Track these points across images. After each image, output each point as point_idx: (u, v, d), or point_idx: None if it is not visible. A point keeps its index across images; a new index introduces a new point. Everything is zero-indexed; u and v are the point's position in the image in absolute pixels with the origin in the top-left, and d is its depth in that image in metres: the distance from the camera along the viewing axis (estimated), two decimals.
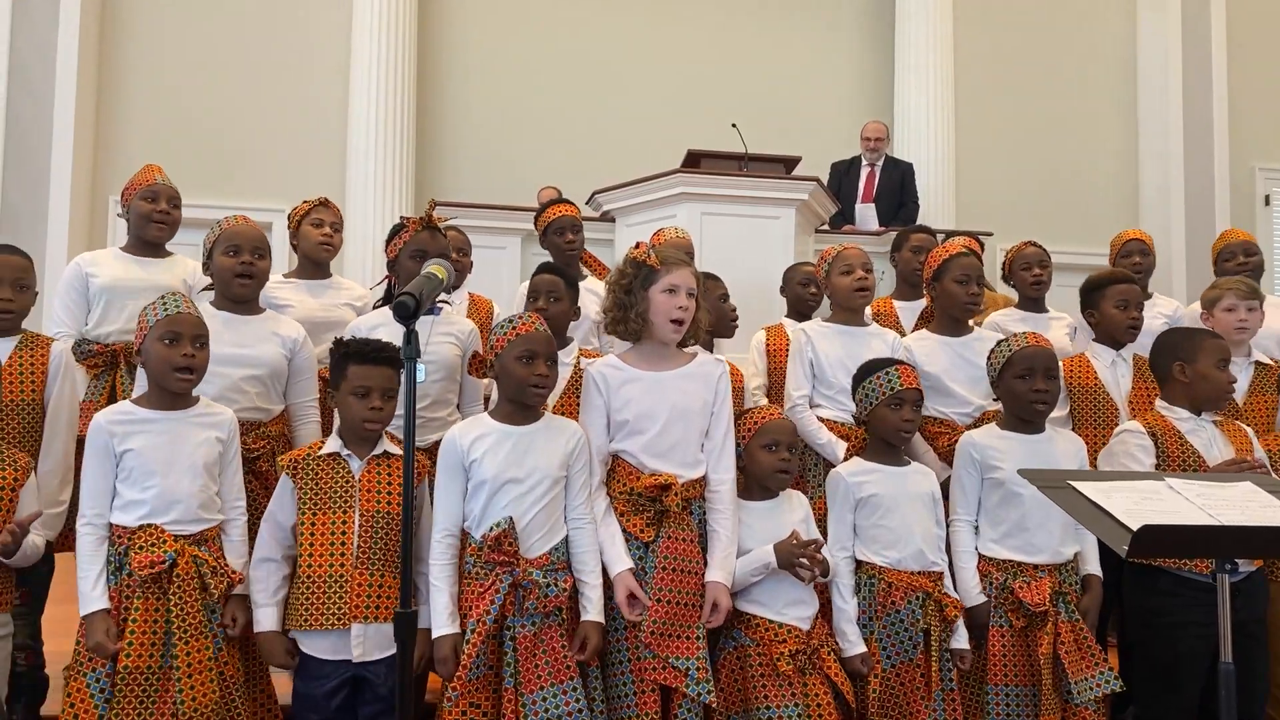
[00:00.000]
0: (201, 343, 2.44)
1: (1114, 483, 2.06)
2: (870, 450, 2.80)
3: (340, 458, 2.46)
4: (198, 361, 2.43)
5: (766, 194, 4.83)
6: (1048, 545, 2.71)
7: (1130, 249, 3.96)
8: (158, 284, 3.05)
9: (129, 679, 2.25)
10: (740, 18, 8.02)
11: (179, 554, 2.31)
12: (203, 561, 2.34)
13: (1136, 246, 3.95)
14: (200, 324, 2.46)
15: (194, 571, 2.32)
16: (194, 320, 2.44)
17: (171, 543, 2.32)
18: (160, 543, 2.32)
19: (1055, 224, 7.79)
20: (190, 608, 2.30)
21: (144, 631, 2.28)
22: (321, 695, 2.36)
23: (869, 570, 2.66)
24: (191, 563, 2.32)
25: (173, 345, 2.39)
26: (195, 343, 2.42)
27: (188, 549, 2.33)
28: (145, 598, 2.29)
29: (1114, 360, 3.29)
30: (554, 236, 3.79)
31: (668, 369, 2.55)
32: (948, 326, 3.22)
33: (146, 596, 2.30)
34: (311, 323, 3.05)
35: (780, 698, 2.43)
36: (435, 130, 7.46)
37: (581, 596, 2.40)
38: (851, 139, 7.01)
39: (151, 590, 2.30)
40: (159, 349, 2.39)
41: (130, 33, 6.95)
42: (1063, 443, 2.84)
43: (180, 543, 2.33)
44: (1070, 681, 2.57)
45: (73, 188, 6.43)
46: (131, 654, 2.26)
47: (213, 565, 2.35)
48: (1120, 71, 8.55)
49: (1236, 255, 3.91)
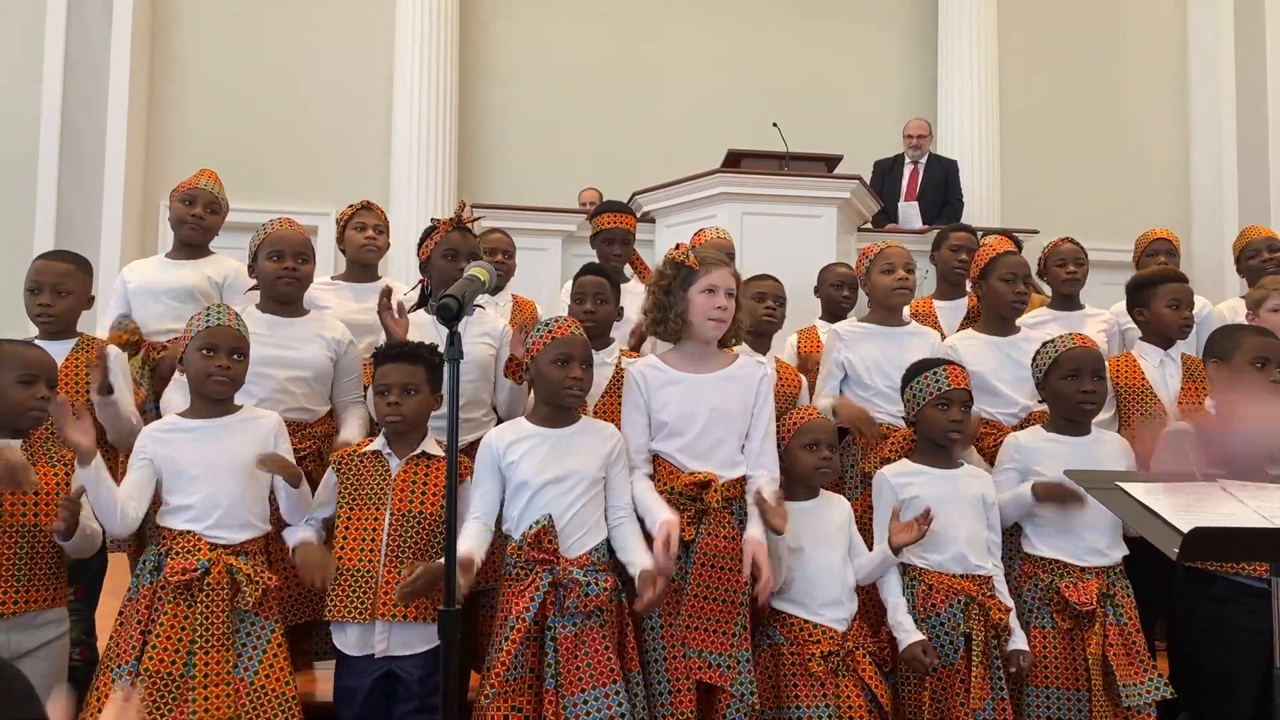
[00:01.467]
0: (239, 354, 2.50)
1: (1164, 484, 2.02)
2: (919, 451, 2.77)
3: (381, 456, 2.51)
4: (233, 372, 2.48)
5: (808, 193, 4.80)
6: (1095, 546, 2.67)
7: (1157, 248, 3.87)
8: (183, 284, 3.16)
9: (149, 682, 2.27)
10: (781, 17, 7.97)
11: (213, 563, 2.35)
12: (237, 569, 2.36)
13: (1163, 246, 3.86)
14: (239, 336, 2.50)
15: (226, 581, 2.35)
16: (232, 333, 2.49)
17: (207, 551, 2.36)
18: (195, 550, 2.36)
19: (1103, 220, 7.63)
20: (216, 618, 2.32)
21: (169, 637, 2.31)
22: (355, 690, 2.41)
23: (911, 572, 2.64)
24: (225, 572, 2.35)
25: (210, 356, 2.45)
26: (232, 354, 2.48)
27: (224, 558, 2.37)
28: (175, 603, 2.33)
29: (1162, 360, 3.21)
30: (602, 245, 3.76)
31: (708, 370, 2.55)
32: (994, 326, 3.18)
33: (176, 602, 2.33)
34: (353, 324, 3.08)
35: (811, 698, 2.42)
36: (477, 133, 7.51)
37: (630, 566, 2.37)
38: (894, 138, 6.95)
39: (182, 596, 2.34)
40: (197, 359, 2.46)
41: (179, 44, 7.08)
42: (1109, 444, 2.79)
43: (217, 551, 2.37)
44: (1119, 685, 2.53)
45: (125, 194, 6.57)
46: (155, 657, 2.29)
47: (248, 573, 2.37)
48: (1170, 65, 8.38)
49: (1261, 251, 3.80)
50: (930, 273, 4.71)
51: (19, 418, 2.35)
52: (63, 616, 2.44)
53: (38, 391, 2.35)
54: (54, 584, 2.40)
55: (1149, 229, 4.07)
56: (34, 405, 2.34)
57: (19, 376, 2.33)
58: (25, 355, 2.37)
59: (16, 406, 2.33)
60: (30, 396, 2.34)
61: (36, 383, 2.35)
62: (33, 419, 2.37)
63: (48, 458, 2.43)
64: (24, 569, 2.31)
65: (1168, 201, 8.20)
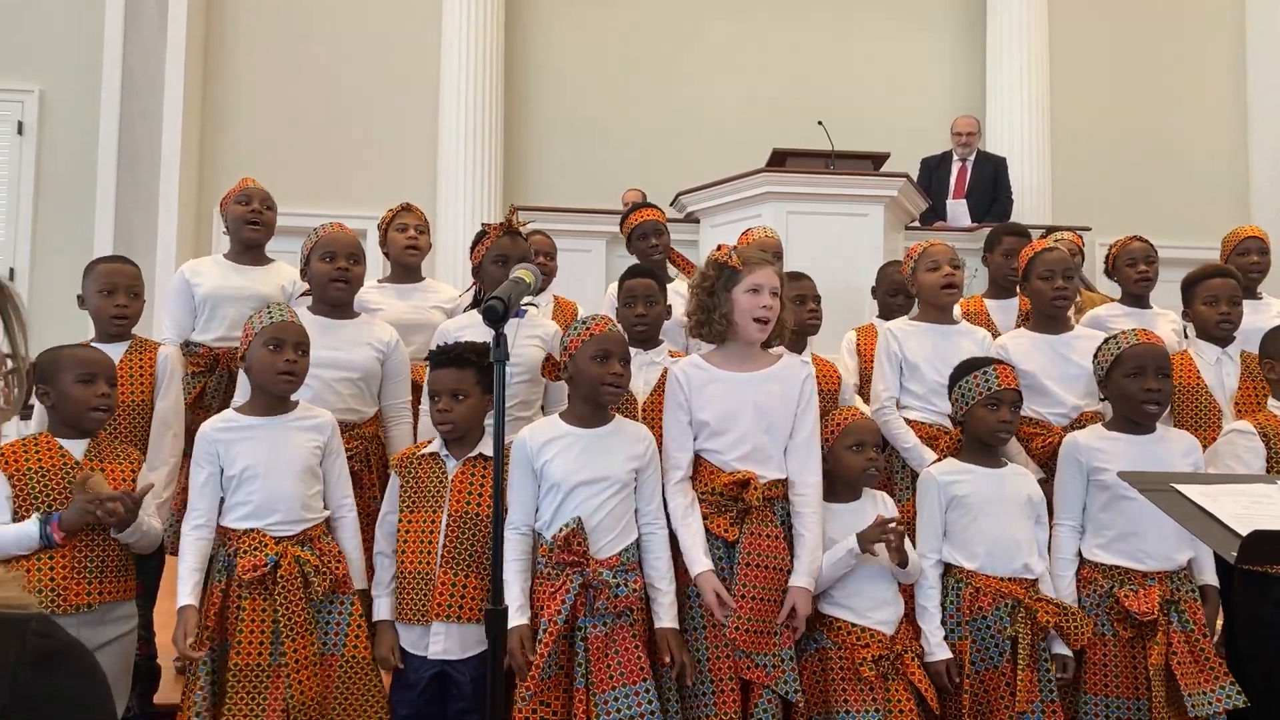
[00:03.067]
0: (303, 350, 2.54)
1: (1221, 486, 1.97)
2: (965, 451, 2.73)
3: (439, 458, 2.54)
4: (299, 367, 2.52)
5: (854, 191, 4.74)
6: (1158, 551, 2.58)
7: (1248, 246, 3.68)
8: (256, 291, 3.18)
9: (240, 676, 2.34)
10: (826, 14, 7.91)
11: (281, 555, 2.40)
12: (305, 561, 2.42)
13: (1255, 244, 3.66)
14: (302, 332, 2.56)
15: (296, 572, 2.40)
16: (297, 329, 2.55)
17: (273, 545, 2.41)
18: (262, 546, 2.41)
19: (1156, 217, 7.45)
20: (295, 606, 2.38)
21: (252, 630, 2.37)
22: (411, 688, 2.44)
23: (956, 574, 2.60)
24: (294, 563, 2.41)
25: (276, 351, 2.49)
26: (297, 349, 2.52)
27: (290, 550, 2.42)
28: (252, 599, 2.39)
29: (1219, 359, 3.13)
30: (638, 241, 3.81)
31: (751, 370, 2.53)
32: (1043, 324, 3.13)
33: (254, 597, 2.39)
34: (399, 325, 3.12)
35: (861, 703, 2.40)
36: (522, 136, 7.56)
37: (654, 603, 2.41)
38: (942, 135, 6.87)
39: (258, 591, 2.39)
40: (263, 355, 2.49)
41: (231, 55, 7.23)
42: (1175, 442, 2.69)
43: (283, 544, 2.42)
44: (1185, 695, 2.45)
45: (180, 201, 6.73)
46: (242, 652, 2.35)
47: (315, 564, 2.42)
48: (1227, 54, 8.16)
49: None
50: (980, 271, 4.65)
51: (82, 417, 2.42)
52: (132, 611, 2.50)
53: (98, 389, 2.42)
54: (124, 577, 2.46)
55: (1238, 227, 3.86)
56: (95, 403, 2.41)
57: (79, 376, 2.40)
58: (82, 356, 2.45)
59: (79, 405, 2.40)
60: (91, 394, 2.40)
61: (96, 381, 2.42)
62: (95, 419, 2.43)
63: (113, 456, 2.49)
64: (96, 563, 2.38)
65: (1225, 196, 7.99)
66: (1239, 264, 3.55)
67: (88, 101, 6.71)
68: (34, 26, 6.80)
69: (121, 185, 6.64)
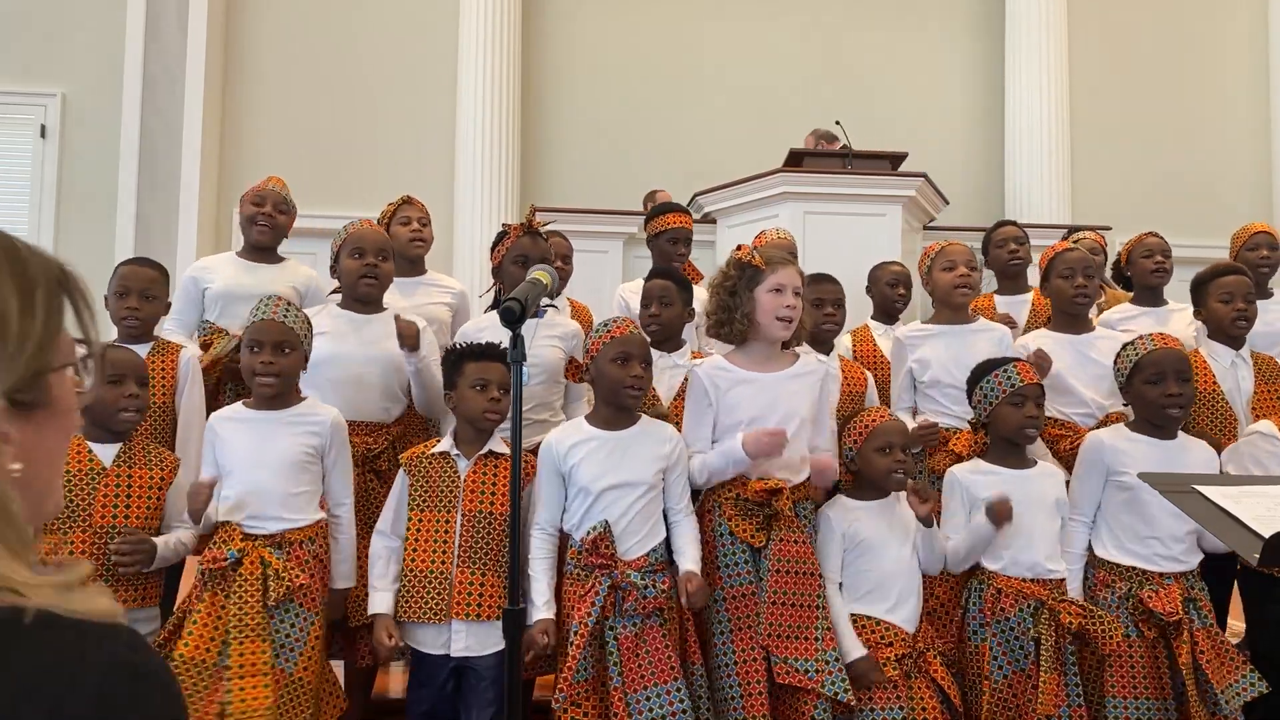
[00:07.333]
0: (287, 348, 2.50)
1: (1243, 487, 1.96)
2: (992, 452, 2.72)
3: (450, 457, 2.53)
4: (276, 368, 2.48)
5: (872, 191, 4.73)
6: (1173, 553, 2.59)
7: (1258, 241, 3.67)
8: (268, 290, 3.16)
9: (182, 668, 2.25)
10: (844, 14, 7.89)
11: (244, 553, 2.35)
12: (268, 564, 2.35)
13: (1264, 239, 3.66)
14: (284, 330, 2.51)
15: (259, 573, 2.34)
16: (276, 328, 2.50)
17: (239, 541, 2.37)
18: (229, 540, 2.37)
19: (1178, 217, 7.38)
20: (250, 609, 2.31)
21: (204, 625, 2.31)
22: (427, 687, 2.44)
23: (979, 575, 2.59)
24: (258, 563, 2.34)
25: (255, 353, 2.49)
26: (278, 349, 2.49)
27: (256, 549, 2.36)
28: (213, 592, 2.34)
29: (1233, 361, 3.08)
30: (667, 244, 3.72)
31: (776, 370, 2.54)
32: (1066, 324, 3.12)
33: (214, 591, 2.34)
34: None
35: (885, 701, 2.39)
36: (539, 137, 7.58)
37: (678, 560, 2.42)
38: (960, 134, 6.83)
39: (220, 586, 2.34)
40: (246, 355, 2.51)
41: (252, 58, 7.28)
42: (1196, 452, 2.69)
43: (250, 541, 2.37)
44: (1217, 691, 2.45)
45: (200, 202, 6.78)
46: (190, 644, 2.29)
47: (277, 569, 2.34)
48: (1250, 52, 8.08)
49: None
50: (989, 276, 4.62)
51: (112, 418, 2.42)
52: (154, 615, 2.50)
53: (127, 390, 2.42)
54: (144, 585, 2.45)
55: (1247, 224, 3.84)
56: (124, 404, 2.41)
57: (107, 377, 2.38)
58: (111, 356, 2.44)
59: (108, 406, 2.40)
60: (120, 395, 2.40)
61: (125, 381, 2.42)
62: (126, 420, 2.43)
63: (145, 460, 2.48)
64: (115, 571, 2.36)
65: (1247, 196, 7.91)
66: (1248, 259, 3.53)
67: (109, 104, 6.76)
68: (56, 30, 6.86)
69: (142, 187, 6.69)
